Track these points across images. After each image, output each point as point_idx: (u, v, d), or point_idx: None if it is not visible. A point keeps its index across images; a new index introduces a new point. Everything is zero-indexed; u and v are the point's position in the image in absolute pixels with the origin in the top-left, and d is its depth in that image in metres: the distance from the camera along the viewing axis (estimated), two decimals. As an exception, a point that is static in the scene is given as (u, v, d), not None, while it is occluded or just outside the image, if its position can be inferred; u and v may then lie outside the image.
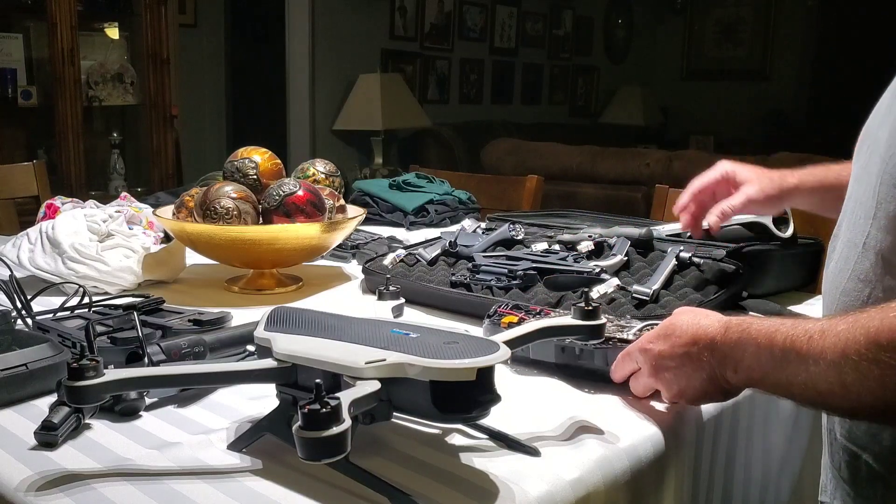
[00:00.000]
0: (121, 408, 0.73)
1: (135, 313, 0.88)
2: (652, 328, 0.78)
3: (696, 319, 0.72)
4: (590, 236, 1.18)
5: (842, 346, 0.58)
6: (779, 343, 0.63)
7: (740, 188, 1.03)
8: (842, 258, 0.74)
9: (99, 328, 0.88)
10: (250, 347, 0.89)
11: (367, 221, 1.56)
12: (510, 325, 0.87)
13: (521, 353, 0.86)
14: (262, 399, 0.75)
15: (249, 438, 0.68)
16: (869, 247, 0.69)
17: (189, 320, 0.95)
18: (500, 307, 0.94)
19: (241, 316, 0.99)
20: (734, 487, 0.85)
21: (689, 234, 1.12)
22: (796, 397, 0.65)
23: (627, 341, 0.81)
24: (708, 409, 0.79)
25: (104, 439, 0.69)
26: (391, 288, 1.09)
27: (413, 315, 1.09)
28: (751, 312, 1.03)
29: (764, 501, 0.92)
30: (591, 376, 0.83)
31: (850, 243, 0.73)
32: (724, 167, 1.06)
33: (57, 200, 1.37)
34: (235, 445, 0.68)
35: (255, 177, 1.22)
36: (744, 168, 1.05)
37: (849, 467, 0.73)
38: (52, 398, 0.73)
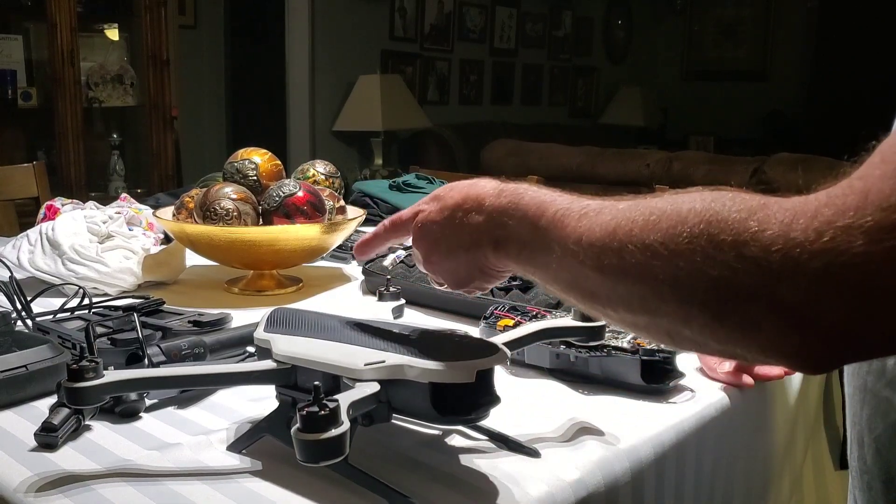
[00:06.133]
0: (121, 409, 0.73)
1: (135, 314, 0.88)
2: None
3: (474, 181, 0.63)
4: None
5: (613, 226, 0.50)
6: (548, 215, 0.55)
7: None
8: None
9: (99, 329, 0.88)
10: (250, 349, 0.89)
11: (367, 222, 1.56)
12: (506, 329, 0.87)
13: (517, 356, 0.86)
14: (261, 400, 0.75)
15: (249, 440, 0.68)
16: None
17: (189, 321, 0.95)
18: (496, 309, 0.94)
19: (241, 317, 0.99)
20: (735, 488, 0.85)
21: None
22: (551, 282, 0.57)
23: (622, 349, 0.81)
24: (708, 409, 0.79)
25: (104, 440, 0.69)
26: (391, 289, 1.08)
27: (413, 316, 1.09)
28: None
29: (766, 500, 0.92)
30: (587, 381, 0.83)
31: None
32: None
33: (57, 202, 1.37)
34: (235, 447, 0.68)
35: (254, 178, 1.22)
36: None
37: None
38: (53, 399, 0.73)
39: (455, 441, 0.70)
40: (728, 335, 0.45)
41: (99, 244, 1.18)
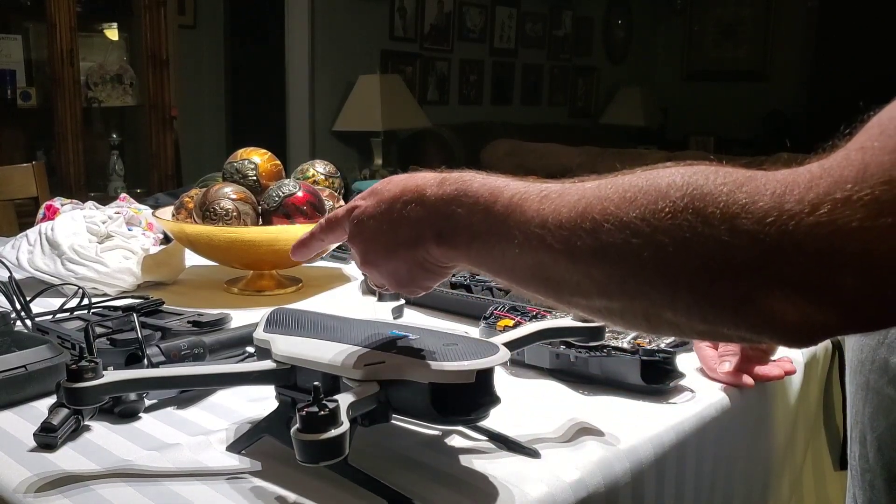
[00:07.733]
0: (120, 409, 0.73)
1: (134, 315, 0.88)
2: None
3: (413, 173, 0.59)
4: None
5: (584, 205, 0.47)
6: (503, 200, 0.51)
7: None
8: None
9: (98, 330, 0.87)
10: (250, 349, 0.89)
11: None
12: (506, 329, 0.87)
13: (517, 356, 0.86)
14: (261, 401, 0.75)
15: (248, 440, 0.68)
16: None
17: (188, 322, 0.95)
18: (496, 309, 0.94)
19: (241, 317, 0.99)
20: (735, 489, 0.85)
21: None
22: (508, 273, 0.53)
23: (622, 349, 0.81)
24: (708, 409, 0.79)
25: (103, 441, 0.69)
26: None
27: (413, 316, 1.09)
28: None
29: (766, 501, 0.92)
30: (587, 381, 0.83)
31: None
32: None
33: (56, 202, 1.37)
34: (234, 447, 0.68)
35: (254, 178, 1.22)
36: None
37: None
38: (52, 400, 0.73)
39: (455, 441, 0.70)
40: (717, 314, 0.43)
41: (98, 244, 1.18)
